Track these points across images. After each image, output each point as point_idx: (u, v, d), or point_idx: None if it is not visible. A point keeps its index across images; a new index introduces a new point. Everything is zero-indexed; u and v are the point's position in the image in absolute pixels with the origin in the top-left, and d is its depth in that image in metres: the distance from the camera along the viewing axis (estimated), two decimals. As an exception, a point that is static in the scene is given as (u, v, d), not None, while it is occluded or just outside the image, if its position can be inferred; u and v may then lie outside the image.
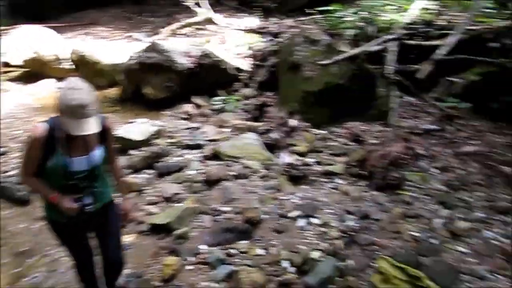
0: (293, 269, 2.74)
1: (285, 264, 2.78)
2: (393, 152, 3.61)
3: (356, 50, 4.78)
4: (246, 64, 5.79)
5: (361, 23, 5.48)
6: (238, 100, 5.20)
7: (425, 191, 3.54)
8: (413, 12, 5.85)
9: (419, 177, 3.68)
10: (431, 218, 3.24)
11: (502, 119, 4.88)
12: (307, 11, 6.25)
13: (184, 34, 6.78)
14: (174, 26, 6.76)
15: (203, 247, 2.95)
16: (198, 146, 4.16)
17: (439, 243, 2.99)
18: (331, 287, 2.63)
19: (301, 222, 3.14)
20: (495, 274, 2.76)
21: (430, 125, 4.55)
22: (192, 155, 4.04)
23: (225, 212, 3.26)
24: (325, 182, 3.68)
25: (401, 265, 2.56)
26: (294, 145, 4.13)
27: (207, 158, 3.96)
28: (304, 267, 2.73)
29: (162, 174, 3.77)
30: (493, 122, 4.85)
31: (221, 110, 5.06)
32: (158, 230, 3.14)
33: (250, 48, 6.07)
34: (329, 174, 3.76)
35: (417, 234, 3.06)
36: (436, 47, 4.93)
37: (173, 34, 6.69)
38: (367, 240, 2.98)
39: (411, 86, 5.06)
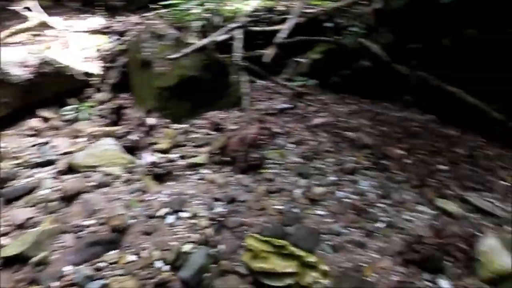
0: (167, 267, 2.71)
1: (159, 264, 2.73)
2: (249, 134, 3.78)
3: (204, 41, 4.84)
4: (95, 68, 5.45)
5: (207, 14, 5.57)
6: (92, 107, 4.89)
7: (284, 166, 3.78)
8: (255, 0, 6.14)
9: (277, 154, 3.92)
10: (291, 190, 3.48)
11: (343, 91, 5.46)
12: (152, 6, 6.12)
13: (19, 43, 6.09)
14: (2, 34, 6.01)
15: (67, 268, 2.72)
16: (49, 162, 3.80)
17: (300, 211, 3.24)
18: (206, 275, 2.67)
19: (170, 219, 3.10)
20: (349, 228, 3.09)
21: (283, 105, 4.86)
22: (44, 173, 3.68)
23: (88, 226, 3.06)
24: (191, 174, 3.69)
25: (267, 238, 2.71)
26: (156, 144, 4.04)
27: (62, 173, 3.65)
28: (177, 262, 2.72)
29: (10, 200, 3.36)
30: (336, 94, 5.40)
31: (74, 120, 4.70)
32: (12, 262, 2.79)
33: (97, 50, 5.72)
34: (194, 166, 3.77)
35: (280, 207, 3.26)
36: (278, 31, 5.27)
37: (3, 43, 5.95)
38: (236, 222, 3.08)
39: (262, 71, 5.35)
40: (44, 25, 6.14)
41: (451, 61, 5.16)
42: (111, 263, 2.77)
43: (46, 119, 4.66)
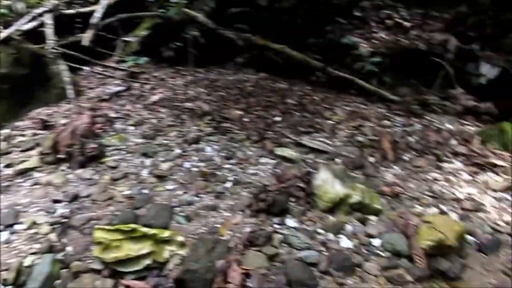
0: (9, 289, 2.43)
1: (-2, 288, 2.44)
2: (81, 125, 3.52)
3: (6, 32, 4.26)
4: None
5: (6, 1, 4.90)
6: None
7: (127, 149, 3.64)
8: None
9: (117, 139, 3.75)
10: (138, 172, 3.38)
11: (177, 64, 5.44)
12: None
13: None
14: None
15: None
16: None
17: (150, 190, 3.18)
18: (57, 282, 2.46)
19: (4, 236, 2.75)
20: (200, 195, 3.16)
21: (117, 88, 4.64)
22: None
23: None
24: (22, 182, 3.30)
25: (116, 227, 2.60)
26: (-29, 158, 3.51)
27: None
28: (20, 279, 2.44)
29: None
30: (171, 68, 5.36)
31: None
32: None
33: None
34: (25, 172, 3.37)
35: (128, 192, 3.15)
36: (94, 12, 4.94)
37: None
38: (83, 219, 2.88)
39: (88, 56, 4.99)
40: None
41: (270, 20, 5.52)
42: None
43: None
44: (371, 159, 3.81)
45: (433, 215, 3.14)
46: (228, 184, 3.30)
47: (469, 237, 3.06)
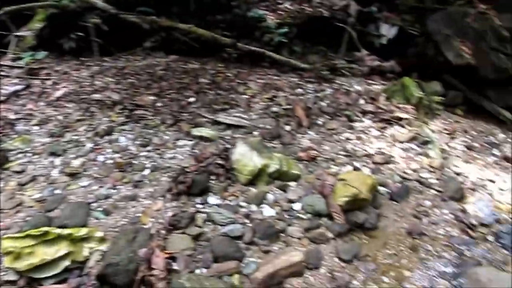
0: None
1: None
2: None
3: None
4: None
5: None
6: None
7: (32, 151, 3.41)
8: None
9: (20, 141, 3.48)
10: (47, 173, 3.18)
11: (80, 55, 5.12)
12: None
13: None
14: None
15: None
16: None
17: (62, 190, 3.01)
18: (-33, 304, 2.29)
19: None
20: (117, 187, 3.05)
21: (14, 87, 4.28)
22: None
23: None
24: None
25: (25, 233, 2.44)
26: None
27: None
28: None
29: None
30: (75, 60, 5.05)
31: None
32: None
33: None
34: None
35: (39, 195, 2.96)
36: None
37: None
38: (-11, 232, 2.68)
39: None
40: None
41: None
42: None
43: None
44: (287, 128, 3.91)
45: (347, 173, 3.31)
46: (146, 172, 3.22)
47: (381, 188, 3.28)
